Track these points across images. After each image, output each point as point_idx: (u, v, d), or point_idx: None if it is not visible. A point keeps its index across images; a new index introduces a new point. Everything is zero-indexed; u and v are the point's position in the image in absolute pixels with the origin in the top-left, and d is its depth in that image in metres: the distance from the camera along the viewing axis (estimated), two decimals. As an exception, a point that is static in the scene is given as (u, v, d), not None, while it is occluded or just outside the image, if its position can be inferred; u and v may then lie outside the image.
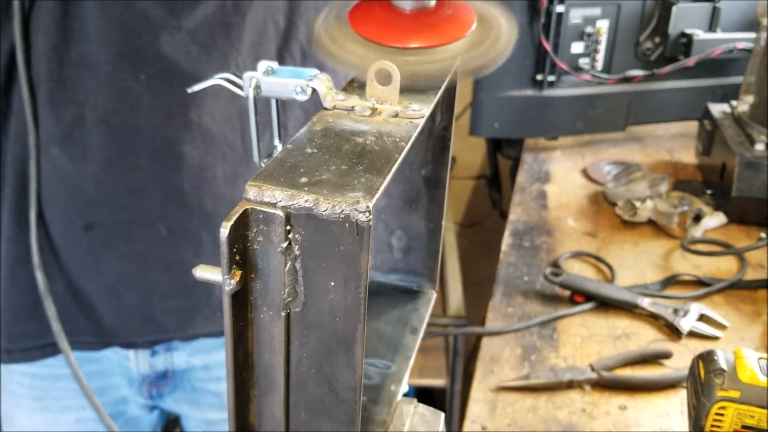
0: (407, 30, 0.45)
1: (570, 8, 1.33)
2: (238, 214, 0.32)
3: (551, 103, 1.41)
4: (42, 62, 0.73)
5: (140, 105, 0.76)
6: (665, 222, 1.15)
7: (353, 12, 0.47)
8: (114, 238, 0.81)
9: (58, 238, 0.81)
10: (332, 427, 0.37)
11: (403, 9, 0.46)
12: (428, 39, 0.45)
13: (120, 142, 0.77)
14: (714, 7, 1.37)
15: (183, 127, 0.77)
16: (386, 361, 0.52)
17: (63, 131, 0.76)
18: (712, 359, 0.59)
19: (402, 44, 0.44)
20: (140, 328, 0.87)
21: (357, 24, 0.46)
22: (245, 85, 0.41)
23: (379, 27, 0.45)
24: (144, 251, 0.81)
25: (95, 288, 0.84)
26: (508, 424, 0.79)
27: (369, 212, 0.31)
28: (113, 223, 0.81)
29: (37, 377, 0.88)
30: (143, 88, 0.75)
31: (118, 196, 0.80)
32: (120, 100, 0.75)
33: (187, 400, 0.96)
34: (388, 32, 0.45)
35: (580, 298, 0.99)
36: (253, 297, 0.35)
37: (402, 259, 0.58)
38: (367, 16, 0.47)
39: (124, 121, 0.76)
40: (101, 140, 0.77)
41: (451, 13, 0.47)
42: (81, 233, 0.81)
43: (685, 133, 1.52)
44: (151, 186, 0.79)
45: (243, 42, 0.77)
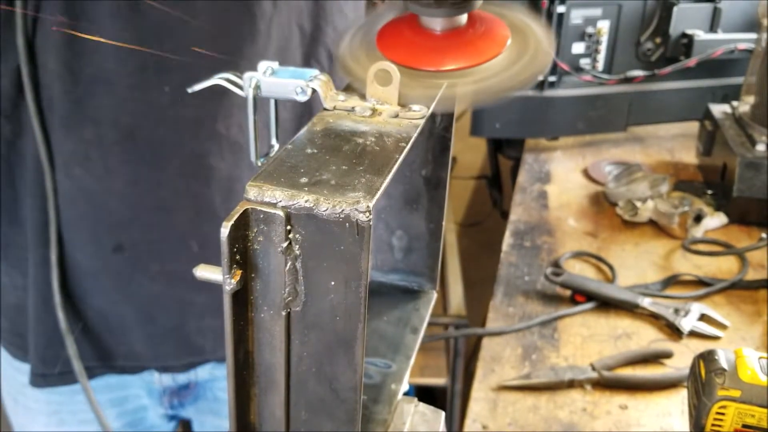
0: (440, 51, 0.43)
1: (571, 9, 1.33)
2: (239, 213, 0.32)
3: (552, 104, 1.41)
4: (55, 82, 0.71)
5: (166, 118, 0.74)
6: (666, 222, 1.15)
7: (381, 35, 0.45)
8: (144, 258, 0.79)
9: (87, 262, 0.79)
10: (333, 426, 0.38)
11: (433, 30, 0.44)
12: (462, 59, 0.43)
13: (146, 158, 0.75)
14: (715, 8, 1.37)
15: (211, 139, 0.75)
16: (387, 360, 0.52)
17: (83, 151, 0.74)
18: (712, 359, 0.60)
19: (435, 67, 0.42)
20: (175, 350, 0.85)
21: (386, 48, 0.44)
22: (245, 85, 0.41)
23: (409, 50, 0.43)
24: (176, 270, 0.79)
25: (127, 312, 0.81)
26: (509, 423, 0.80)
27: (369, 212, 0.32)
28: (143, 242, 0.78)
29: (54, 393, 0.86)
30: (168, 100, 0.72)
31: (146, 213, 0.77)
32: (145, 114, 0.73)
33: (210, 410, 0.95)
34: (419, 55, 0.43)
35: (581, 298, 0.99)
36: (254, 296, 0.35)
37: (402, 258, 0.58)
38: (396, 40, 0.44)
39: (149, 135, 0.74)
40: (126, 156, 0.74)
41: (484, 30, 0.45)
42: (110, 255, 0.78)
43: (685, 133, 1.52)
44: (180, 201, 0.77)
45: (269, 48, 0.75)
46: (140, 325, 0.82)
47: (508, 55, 0.44)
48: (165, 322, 0.82)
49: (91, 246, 0.78)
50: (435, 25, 0.44)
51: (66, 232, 0.77)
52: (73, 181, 0.75)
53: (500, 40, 0.44)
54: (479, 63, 0.43)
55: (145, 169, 0.75)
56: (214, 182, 0.76)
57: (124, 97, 0.72)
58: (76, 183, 0.75)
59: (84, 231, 0.78)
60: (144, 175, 0.76)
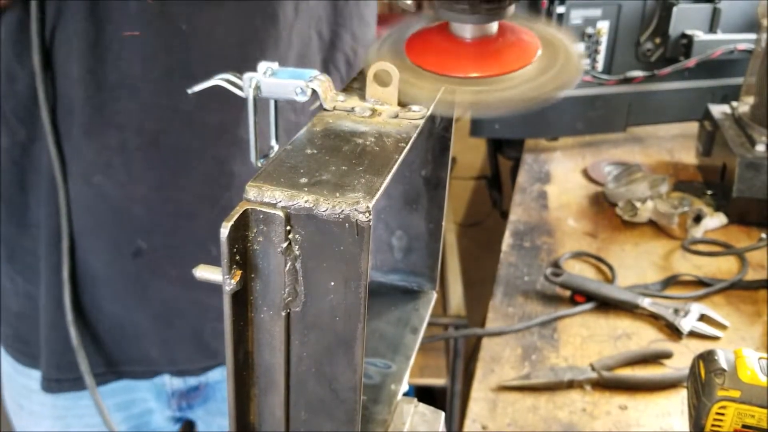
0: (469, 58, 0.43)
1: (570, 9, 1.33)
2: (238, 214, 0.32)
3: (552, 104, 1.41)
4: (76, 89, 0.70)
5: (190, 123, 0.73)
6: (666, 222, 1.15)
7: (410, 42, 0.45)
8: (163, 263, 0.78)
9: (104, 270, 0.78)
10: (332, 426, 0.38)
11: (463, 37, 0.44)
12: (491, 67, 0.43)
13: (169, 163, 0.74)
14: (714, 8, 1.37)
15: (233, 144, 0.74)
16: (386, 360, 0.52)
17: (106, 158, 0.73)
18: (712, 359, 0.60)
19: (464, 73, 0.42)
20: (191, 355, 0.84)
21: (415, 55, 0.44)
22: (245, 85, 0.41)
23: (438, 57, 0.43)
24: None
25: (144, 317, 0.81)
26: (509, 423, 0.80)
27: (369, 212, 0.32)
28: (163, 247, 0.78)
29: (60, 397, 0.85)
30: (193, 105, 0.72)
31: (167, 218, 0.77)
32: (170, 120, 0.72)
33: (220, 411, 0.94)
34: (449, 62, 0.43)
35: (580, 298, 0.99)
36: (254, 297, 0.35)
37: (402, 259, 0.58)
38: (425, 46, 0.45)
39: (173, 141, 0.74)
40: (150, 162, 0.74)
41: (515, 40, 0.45)
42: (129, 261, 0.78)
43: (685, 133, 1.52)
44: (202, 206, 0.77)
45: (290, 54, 0.75)
46: (156, 331, 0.82)
47: (537, 66, 0.44)
48: (183, 326, 0.82)
49: (108, 253, 0.78)
50: (465, 33, 0.44)
51: (82, 239, 0.76)
52: (93, 189, 0.74)
53: (530, 51, 0.44)
54: (506, 72, 0.43)
55: (168, 174, 0.75)
56: (235, 188, 0.76)
57: (149, 103, 0.71)
58: (96, 190, 0.74)
59: (102, 238, 0.77)
60: (167, 181, 0.75)
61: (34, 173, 0.75)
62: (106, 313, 0.80)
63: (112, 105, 0.71)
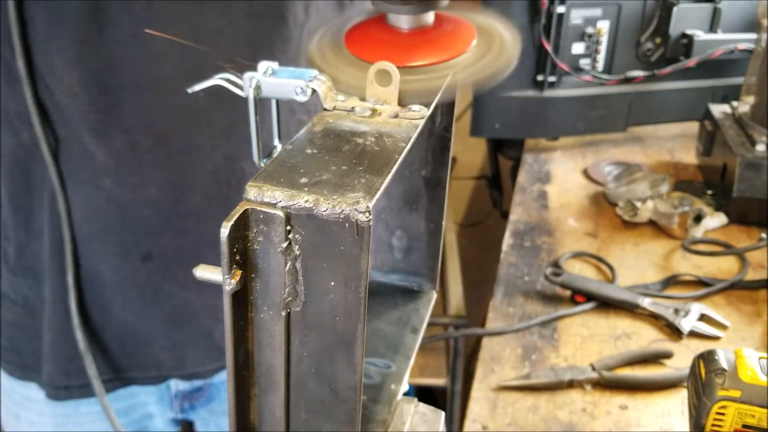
0: (406, 48, 0.44)
1: (571, 9, 1.33)
2: (239, 214, 0.32)
3: (552, 104, 1.41)
4: (79, 93, 0.69)
5: (201, 123, 0.72)
6: (666, 222, 1.15)
7: (349, 34, 0.46)
8: (173, 266, 0.77)
9: (112, 275, 0.77)
10: (332, 426, 0.38)
11: (400, 28, 0.45)
12: (427, 56, 0.44)
13: (179, 163, 0.73)
14: (715, 8, 1.37)
15: (243, 142, 0.73)
16: (386, 360, 0.52)
17: (114, 161, 0.72)
18: (712, 359, 0.60)
19: (401, 63, 0.43)
20: (202, 358, 0.83)
21: (354, 45, 0.45)
22: (245, 85, 0.41)
23: (376, 47, 0.44)
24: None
25: (154, 321, 0.80)
26: (509, 423, 0.80)
27: (369, 212, 0.32)
28: (173, 249, 0.77)
29: (60, 405, 0.84)
30: (203, 104, 0.71)
31: (178, 220, 0.76)
32: (180, 119, 0.72)
33: (224, 411, 0.92)
34: (386, 52, 0.44)
35: (580, 298, 0.99)
36: (254, 297, 0.35)
37: (402, 259, 0.58)
38: (363, 38, 0.46)
39: (184, 141, 0.73)
40: (160, 163, 0.73)
41: (451, 30, 0.46)
42: (139, 264, 0.77)
43: (685, 133, 1.52)
44: (211, 206, 0.76)
45: (300, 54, 0.75)
46: (167, 334, 0.81)
47: (473, 54, 0.45)
48: (194, 328, 0.81)
49: (117, 257, 0.77)
50: (402, 24, 0.45)
51: (89, 245, 0.76)
52: (102, 193, 0.73)
53: (466, 40, 0.45)
54: (441, 61, 0.44)
55: (179, 174, 0.74)
56: (245, 186, 0.75)
57: (158, 103, 0.71)
58: (104, 194, 0.73)
59: (111, 242, 0.76)
60: (177, 181, 0.74)
61: (38, 175, 0.74)
62: (115, 318, 0.79)
63: (119, 107, 0.70)
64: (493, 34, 0.47)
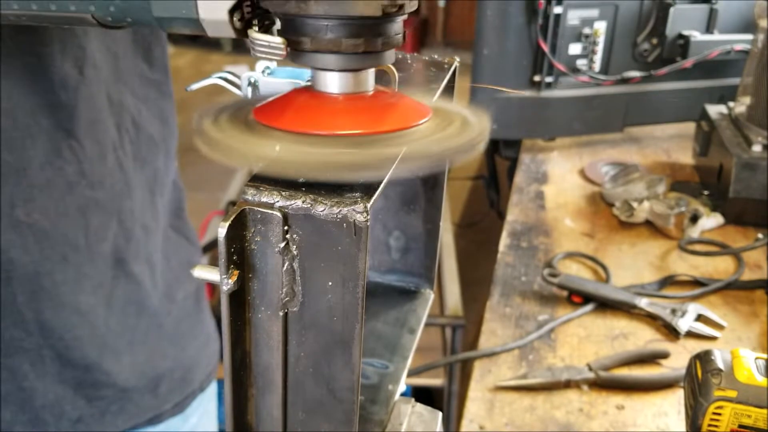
0: (342, 114, 0.35)
1: (568, 9, 1.34)
2: (236, 213, 0.32)
3: (549, 104, 1.42)
4: None
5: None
6: (662, 223, 1.15)
7: (261, 109, 0.37)
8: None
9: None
10: (330, 426, 0.38)
11: (332, 93, 0.36)
12: (372, 124, 0.35)
13: None
14: (711, 9, 1.38)
15: (10, 228, 0.63)
16: (384, 360, 0.52)
17: None
18: (709, 359, 0.60)
19: (339, 130, 0.34)
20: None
21: (269, 118, 0.35)
22: (243, 84, 0.41)
23: (306, 115, 0.35)
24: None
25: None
26: (506, 423, 0.80)
27: (367, 213, 0.32)
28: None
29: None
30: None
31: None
32: None
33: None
34: (319, 119, 0.35)
35: (577, 299, 0.99)
36: (251, 297, 0.35)
37: (400, 259, 0.58)
38: (286, 108, 0.36)
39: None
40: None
41: (396, 101, 0.37)
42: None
43: (682, 134, 1.52)
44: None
45: (78, 120, 0.65)
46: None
47: (426, 128, 0.37)
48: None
49: None
50: (334, 88, 0.36)
51: None
52: None
53: (416, 114, 0.37)
54: (393, 129, 0.35)
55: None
56: (15, 279, 0.65)
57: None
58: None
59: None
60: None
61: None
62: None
63: None
64: (453, 116, 0.39)
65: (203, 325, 0.90)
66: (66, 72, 0.63)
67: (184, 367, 0.85)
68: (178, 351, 0.84)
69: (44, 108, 0.62)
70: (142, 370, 0.79)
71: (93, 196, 0.68)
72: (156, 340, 0.80)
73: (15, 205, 0.63)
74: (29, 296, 0.66)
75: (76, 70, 0.64)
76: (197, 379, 0.87)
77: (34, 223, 0.64)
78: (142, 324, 0.78)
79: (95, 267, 0.70)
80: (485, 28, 1.36)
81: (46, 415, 0.71)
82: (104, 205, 0.70)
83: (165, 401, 0.83)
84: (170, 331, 0.82)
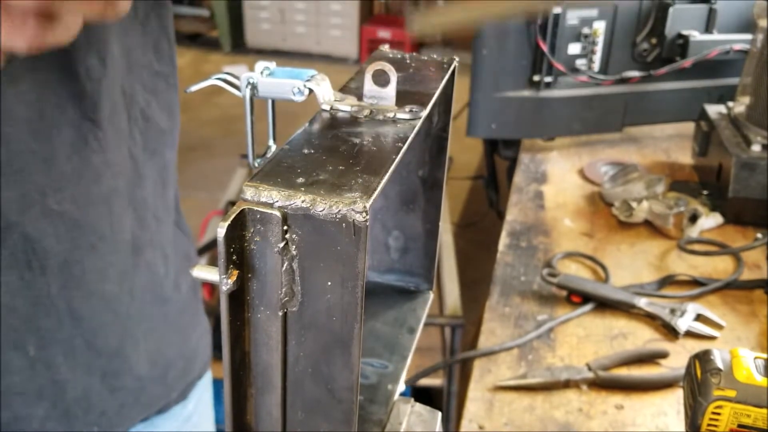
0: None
1: (567, 9, 1.34)
2: (235, 213, 0.32)
3: (548, 104, 1.42)
4: None
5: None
6: (661, 222, 1.15)
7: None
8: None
9: None
10: (329, 426, 0.38)
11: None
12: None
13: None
14: (710, 9, 1.38)
15: (43, 217, 0.64)
16: (383, 360, 0.52)
17: None
18: (708, 359, 0.60)
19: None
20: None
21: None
22: (242, 85, 0.41)
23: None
24: (8, 377, 0.66)
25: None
26: (505, 423, 0.80)
27: (366, 212, 0.32)
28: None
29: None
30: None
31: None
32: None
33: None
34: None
35: (576, 298, 0.99)
36: (250, 297, 0.35)
37: (399, 259, 0.58)
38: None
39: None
40: None
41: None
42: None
43: (681, 134, 1.52)
44: (14, 299, 0.65)
45: (101, 112, 0.67)
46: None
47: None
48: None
49: None
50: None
51: None
52: None
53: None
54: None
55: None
56: (49, 269, 0.66)
57: None
58: None
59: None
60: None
61: None
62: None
63: None
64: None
65: (201, 316, 0.92)
66: (90, 63, 0.64)
67: (186, 357, 0.86)
68: (182, 340, 0.86)
69: (71, 98, 0.63)
70: (155, 358, 0.80)
71: (116, 185, 0.70)
72: (165, 329, 0.82)
73: (46, 194, 0.64)
74: (61, 286, 0.67)
75: (100, 62, 0.65)
76: (197, 368, 0.89)
77: (65, 211, 0.65)
78: (156, 312, 0.80)
79: (118, 255, 0.71)
80: (484, 27, 1.36)
81: (76, 410, 0.72)
82: (122, 193, 0.71)
83: (172, 389, 0.84)
84: (176, 320, 0.84)
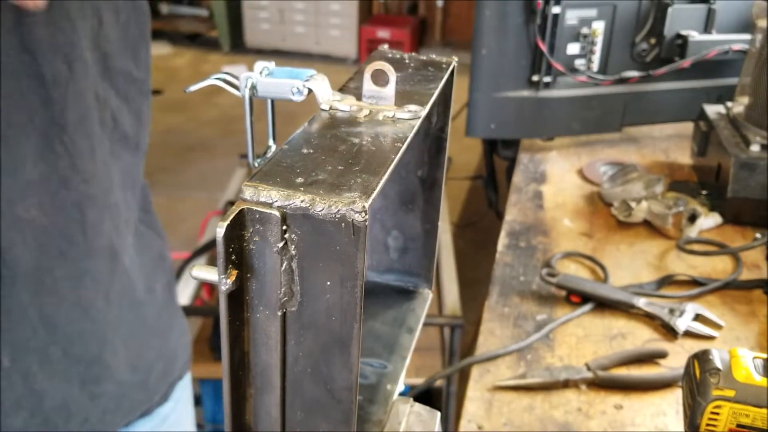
0: None
1: (566, 9, 1.34)
2: (234, 213, 0.32)
3: (547, 104, 1.42)
4: None
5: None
6: (660, 222, 1.16)
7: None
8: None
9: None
10: (328, 426, 0.38)
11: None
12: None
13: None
14: (709, 9, 1.38)
15: (11, 225, 0.64)
16: (382, 360, 0.52)
17: None
18: (707, 359, 0.60)
19: None
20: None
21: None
22: (241, 85, 0.41)
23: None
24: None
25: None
26: (504, 423, 0.80)
27: (365, 212, 0.31)
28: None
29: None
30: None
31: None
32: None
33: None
34: None
35: (575, 298, 0.99)
36: (249, 297, 0.35)
37: (398, 259, 0.58)
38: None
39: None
40: None
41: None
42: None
43: (680, 134, 1.52)
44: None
45: (68, 117, 0.66)
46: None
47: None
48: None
49: None
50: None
51: None
52: None
53: None
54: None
55: None
56: (19, 276, 0.66)
57: None
58: None
59: None
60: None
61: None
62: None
63: None
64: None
65: (177, 317, 0.91)
66: (57, 68, 0.64)
67: (166, 358, 0.86)
68: (162, 343, 0.85)
69: (37, 104, 0.63)
70: (135, 363, 0.80)
71: (87, 190, 0.69)
72: (143, 333, 0.82)
73: (13, 202, 0.64)
74: (32, 294, 0.67)
75: (66, 66, 0.64)
76: (177, 369, 0.89)
77: (32, 219, 0.65)
78: (133, 317, 0.79)
79: (93, 262, 0.71)
80: (483, 27, 1.36)
81: (56, 419, 0.72)
82: (98, 199, 0.71)
83: (154, 393, 0.84)
84: (153, 323, 0.84)
